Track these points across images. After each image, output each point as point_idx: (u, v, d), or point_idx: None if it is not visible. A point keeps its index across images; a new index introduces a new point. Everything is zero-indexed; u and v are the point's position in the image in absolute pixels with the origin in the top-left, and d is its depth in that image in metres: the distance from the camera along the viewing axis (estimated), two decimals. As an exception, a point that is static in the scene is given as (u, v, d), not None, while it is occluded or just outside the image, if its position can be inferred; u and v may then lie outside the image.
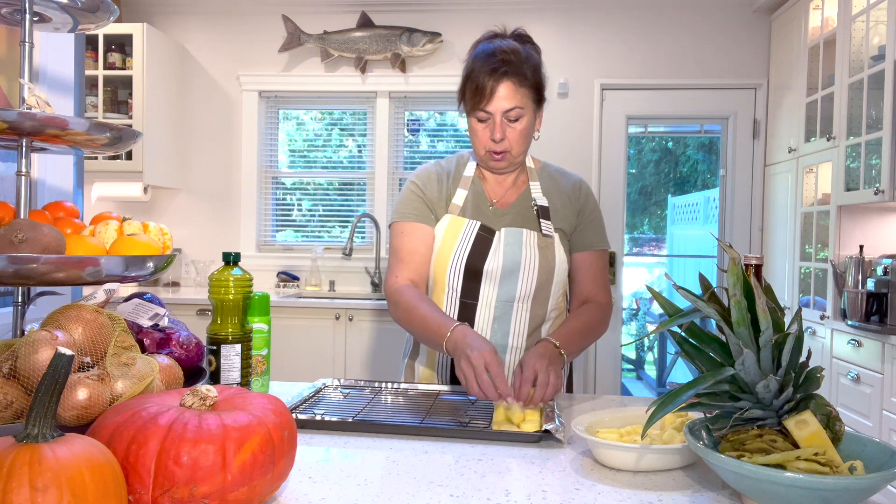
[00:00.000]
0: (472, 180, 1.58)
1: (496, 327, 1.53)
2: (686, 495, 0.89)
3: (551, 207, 1.56)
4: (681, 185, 5.39)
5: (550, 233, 1.54)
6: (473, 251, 1.51)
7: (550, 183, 1.60)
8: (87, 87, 3.76)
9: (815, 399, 0.86)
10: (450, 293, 1.54)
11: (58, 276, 0.97)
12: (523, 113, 1.46)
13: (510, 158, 1.51)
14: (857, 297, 2.81)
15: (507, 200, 1.58)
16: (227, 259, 1.28)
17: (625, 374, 5.14)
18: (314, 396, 1.35)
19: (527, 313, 1.53)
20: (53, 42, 1.71)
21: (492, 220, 1.55)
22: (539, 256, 1.51)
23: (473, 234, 1.52)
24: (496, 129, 1.46)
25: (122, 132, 1.10)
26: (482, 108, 1.45)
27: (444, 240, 1.54)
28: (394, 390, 1.42)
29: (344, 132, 4.27)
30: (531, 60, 1.48)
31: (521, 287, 1.51)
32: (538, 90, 1.49)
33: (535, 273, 1.51)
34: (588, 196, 1.61)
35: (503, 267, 1.50)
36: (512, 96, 1.44)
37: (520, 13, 3.98)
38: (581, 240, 1.58)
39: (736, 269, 0.84)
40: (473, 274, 1.51)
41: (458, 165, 1.61)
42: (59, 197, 1.71)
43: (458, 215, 1.55)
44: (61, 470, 0.64)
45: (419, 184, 1.58)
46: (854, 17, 3.00)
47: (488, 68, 1.43)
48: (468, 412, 1.25)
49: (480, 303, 1.53)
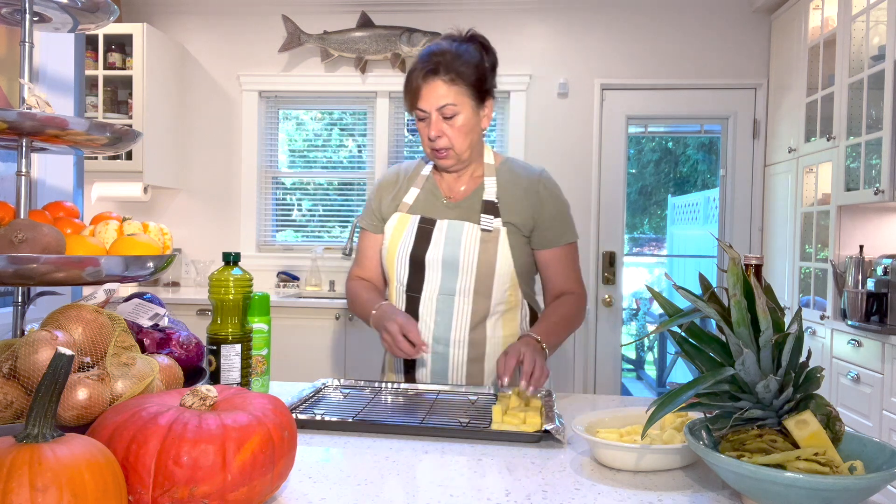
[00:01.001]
0: (427, 178, 1.65)
1: (438, 320, 1.57)
2: (686, 495, 0.89)
3: (505, 202, 1.58)
4: (681, 185, 5.39)
5: (490, 227, 1.56)
6: (416, 243, 1.58)
7: (509, 177, 1.61)
8: (87, 87, 3.75)
9: (815, 399, 0.86)
10: (398, 286, 1.61)
11: (58, 276, 0.97)
12: (458, 110, 1.50)
13: (454, 156, 1.55)
14: (857, 297, 2.81)
15: (460, 195, 1.63)
16: (227, 259, 1.28)
17: (625, 374, 5.14)
18: (314, 396, 1.35)
19: (468, 307, 1.56)
20: (53, 42, 1.71)
21: (439, 213, 1.60)
22: (479, 250, 1.54)
23: (415, 227, 1.59)
24: (431, 126, 1.51)
25: (122, 132, 1.10)
26: (417, 107, 1.52)
27: (391, 237, 1.61)
28: (394, 390, 1.42)
29: (344, 132, 4.27)
30: (466, 57, 1.51)
31: (461, 281, 1.55)
32: (477, 86, 1.52)
33: (474, 267, 1.54)
34: (548, 190, 1.61)
35: (443, 258, 1.55)
36: (444, 94, 1.48)
37: (520, 13, 3.98)
38: (545, 237, 1.60)
39: (736, 269, 0.84)
40: (417, 265, 1.58)
41: (417, 165, 1.69)
42: (59, 197, 1.71)
43: (406, 213, 1.62)
44: (61, 470, 0.64)
45: (375, 193, 1.69)
46: (854, 17, 3.00)
47: (420, 67, 1.50)
48: (468, 412, 1.25)
49: (424, 295, 1.58)
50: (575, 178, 3.99)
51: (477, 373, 1.57)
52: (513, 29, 3.98)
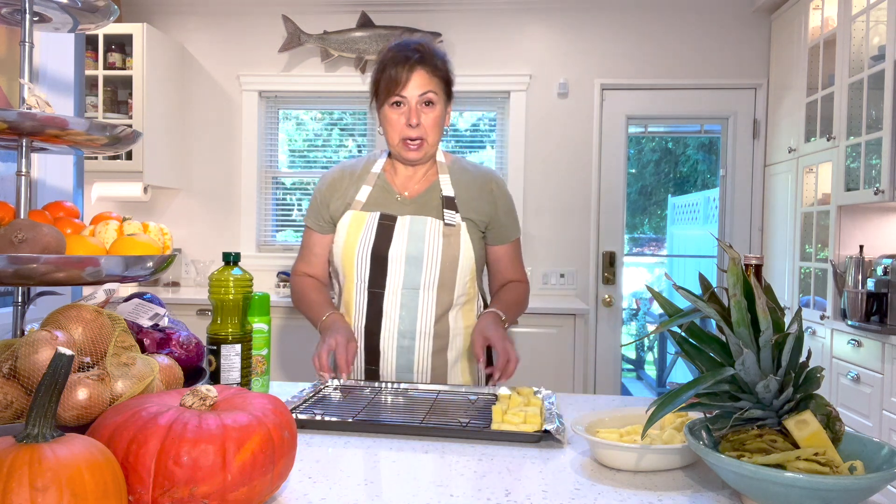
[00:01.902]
0: (378, 176, 1.66)
1: (403, 314, 1.59)
2: (686, 495, 0.89)
3: (461, 198, 1.63)
4: (681, 185, 5.39)
5: (454, 222, 1.60)
6: (377, 239, 1.59)
7: (461, 174, 1.66)
8: (87, 87, 3.75)
9: (815, 399, 0.86)
10: (359, 283, 1.61)
11: (58, 276, 0.97)
12: (436, 100, 1.55)
13: (426, 148, 1.58)
14: (857, 297, 2.81)
15: (415, 192, 1.64)
16: (227, 259, 1.28)
17: (625, 374, 5.14)
18: (314, 396, 1.35)
19: (433, 300, 1.59)
20: (53, 42, 1.71)
21: (397, 209, 1.62)
22: (443, 244, 1.58)
23: (375, 223, 1.60)
24: (412, 113, 1.54)
25: (122, 132, 1.10)
26: (397, 94, 1.53)
27: (347, 235, 1.61)
28: (394, 390, 1.43)
29: (344, 132, 4.28)
30: (440, 55, 1.59)
31: (426, 275, 1.58)
32: (448, 84, 1.59)
33: (438, 261, 1.57)
34: (500, 188, 1.69)
35: (407, 253, 1.57)
36: (426, 83, 1.54)
37: (520, 13, 3.98)
38: (499, 235, 1.69)
39: (736, 269, 0.84)
40: (379, 262, 1.58)
41: (366, 163, 1.69)
42: (59, 197, 1.71)
43: (360, 210, 1.62)
44: (61, 470, 0.64)
45: (322, 192, 1.68)
46: (854, 17, 3.00)
47: (402, 56, 1.54)
48: (468, 412, 1.25)
49: (387, 291, 1.59)
50: (575, 178, 3.99)
51: (440, 364, 1.62)
52: (513, 29, 3.98)
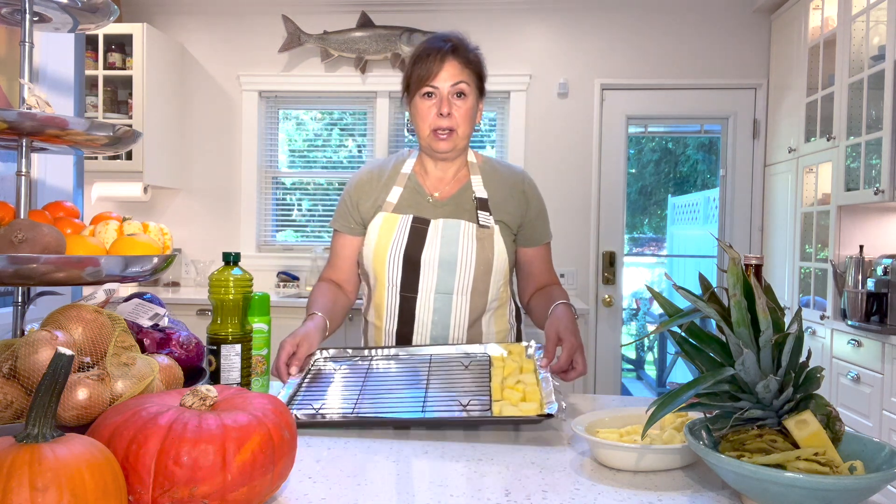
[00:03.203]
0: (409, 177, 1.62)
1: (436, 319, 1.56)
2: (686, 495, 0.89)
3: (493, 199, 1.59)
4: (681, 185, 5.38)
5: (488, 224, 1.56)
6: (410, 242, 1.55)
7: (493, 176, 1.63)
8: (87, 87, 3.75)
9: (815, 399, 0.86)
10: (390, 287, 1.58)
11: (58, 276, 0.97)
12: (468, 91, 1.53)
13: (455, 139, 1.54)
14: (857, 297, 2.81)
15: (446, 193, 1.61)
16: (227, 259, 1.28)
17: (625, 374, 5.14)
18: (306, 378, 1.34)
19: (466, 305, 1.56)
20: (53, 42, 1.71)
21: (429, 212, 1.58)
22: (477, 247, 1.54)
23: (408, 227, 1.56)
24: (443, 103, 1.51)
25: (122, 132, 1.10)
26: (429, 84, 1.51)
27: (379, 237, 1.57)
28: (385, 356, 1.43)
29: (344, 132, 4.27)
30: (472, 46, 1.57)
31: (460, 279, 1.54)
32: (480, 78, 1.57)
33: (472, 265, 1.54)
34: (533, 190, 1.65)
35: (440, 257, 1.54)
36: (458, 73, 1.51)
37: (520, 13, 3.98)
38: (532, 236, 1.64)
39: (736, 269, 0.84)
40: (412, 265, 1.55)
41: (395, 164, 1.65)
42: (59, 197, 1.71)
43: (391, 212, 1.59)
44: (61, 470, 0.64)
45: (350, 194, 1.63)
46: (854, 17, 3.00)
47: (435, 48, 1.52)
48: (467, 389, 1.25)
49: (420, 295, 1.56)
50: (575, 178, 3.99)
51: None
52: (513, 29, 3.98)
